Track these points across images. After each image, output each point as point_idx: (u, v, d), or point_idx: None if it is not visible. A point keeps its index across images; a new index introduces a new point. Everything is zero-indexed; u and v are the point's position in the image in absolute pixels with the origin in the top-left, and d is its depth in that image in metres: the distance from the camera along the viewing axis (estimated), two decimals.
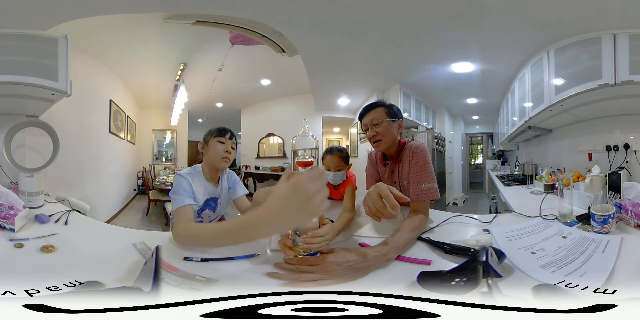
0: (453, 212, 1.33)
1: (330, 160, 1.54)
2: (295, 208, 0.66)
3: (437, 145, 2.62)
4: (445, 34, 1.96)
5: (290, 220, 0.69)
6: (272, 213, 0.68)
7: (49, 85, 1.64)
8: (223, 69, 2.51)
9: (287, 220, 0.69)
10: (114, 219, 2.45)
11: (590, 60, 1.63)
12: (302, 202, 0.65)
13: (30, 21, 1.61)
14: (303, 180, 0.65)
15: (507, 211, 1.51)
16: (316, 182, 0.66)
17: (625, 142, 1.62)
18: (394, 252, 0.90)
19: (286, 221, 0.69)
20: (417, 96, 2.57)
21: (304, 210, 0.66)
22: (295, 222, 0.71)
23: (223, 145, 1.30)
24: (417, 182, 1.23)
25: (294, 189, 0.65)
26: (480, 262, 0.79)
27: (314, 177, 0.66)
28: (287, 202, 0.66)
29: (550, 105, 1.83)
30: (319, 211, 0.66)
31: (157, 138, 3.08)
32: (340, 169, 1.55)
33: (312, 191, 0.64)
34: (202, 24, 2.02)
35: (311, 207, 0.65)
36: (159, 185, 2.78)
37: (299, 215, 0.67)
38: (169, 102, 2.86)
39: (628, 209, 1.10)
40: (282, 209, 0.67)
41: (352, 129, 3.04)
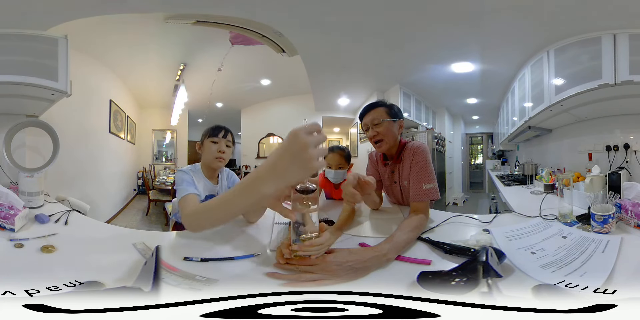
0: (453, 212, 1.33)
1: (331, 158, 1.55)
2: (290, 157, 0.67)
3: (437, 145, 2.62)
4: (445, 34, 1.96)
5: (288, 170, 0.68)
6: (271, 164, 0.69)
7: (49, 85, 1.64)
8: (223, 69, 2.51)
9: (285, 170, 0.69)
10: (114, 219, 2.45)
11: (590, 60, 1.63)
12: (297, 151, 0.66)
13: (30, 21, 1.61)
14: (299, 131, 0.66)
15: (507, 211, 1.51)
16: (312, 135, 0.67)
17: (625, 142, 1.62)
18: (393, 252, 0.90)
19: (284, 170, 0.69)
20: (417, 96, 2.57)
21: (298, 159, 0.66)
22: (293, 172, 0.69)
23: (216, 145, 1.30)
24: (417, 182, 1.23)
25: (290, 138, 0.67)
26: (480, 262, 0.79)
27: (311, 129, 0.67)
28: (284, 151, 0.68)
29: (550, 105, 1.83)
30: (313, 163, 0.66)
31: (157, 138, 3.08)
32: (342, 167, 1.55)
33: (307, 141, 0.65)
34: (202, 24, 2.02)
35: (305, 156, 0.65)
36: (159, 185, 2.78)
37: (294, 164, 0.67)
38: (169, 102, 2.86)
39: (628, 209, 1.10)
40: (280, 158, 0.68)
41: (352, 129, 3.04)
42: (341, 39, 2.05)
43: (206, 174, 1.33)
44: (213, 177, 1.35)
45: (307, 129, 0.67)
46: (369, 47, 2.13)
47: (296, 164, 0.67)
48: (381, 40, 2.04)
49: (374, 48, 2.14)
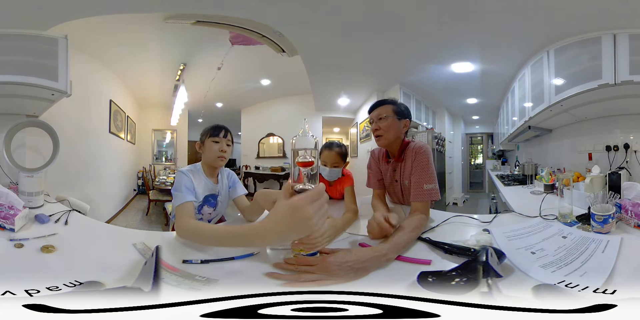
0: (453, 212, 1.33)
1: (327, 156, 1.54)
2: (294, 227, 0.73)
3: (437, 145, 2.62)
4: (445, 34, 1.96)
5: (289, 236, 0.78)
6: (274, 229, 0.76)
7: (49, 85, 1.64)
8: (223, 68, 2.51)
9: (285, 236, 0.77)
10: (114, 219, 2.45)
11: (590, 60, 1.63)
12: (300, 222, 0.72)
13: (30, 21, 1.61)
14: (303, 204, 0.72)
15: (507, 211, 1.51)
16: (315, 204, 0.73)
17: (625, 142, 1.62)
18: (393, 252, 0.90)
19: (285, 236, 0.77)
20: (417, 96, 2.57)
21: (302, 228, 0.73)
22: (294, 237, 0.79)
23: (218, 145, 1.32)
24: (418, 182, 1.24)
25: (294, 211, 0.72)
26: (480, 262, 0.79)
27: (313, 199, 0.73)
28: (287, 221, 0.74)
29: (550, 105, 1.83)
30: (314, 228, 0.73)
31: (157, 138, 3.08)
32: (337, 165, 1.55)
33: (311, 213, 0.72)
34: (202, 24, 2.02)
35: (309, 227, 0.73)
36: (159, 185, 2.78)
37: (297, 232, 0.75)
38: (169, 102, 2.86)
39: (628, 209, 1.10)
40: (282, 226, 0.74)
41: (352, 129, 3.04)
42: (341, 39, 2.05)
43: (207, 173, 1.34)
44: (213, 176, 1.37)
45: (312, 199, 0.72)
46: (369, 47, 2.13)
47: (298, 231, 0.75)
48: (381, 40, 2.04)
49: (374, 48, 2.14)
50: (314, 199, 0.72)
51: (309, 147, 0.79)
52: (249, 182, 3.12)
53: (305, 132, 0.81)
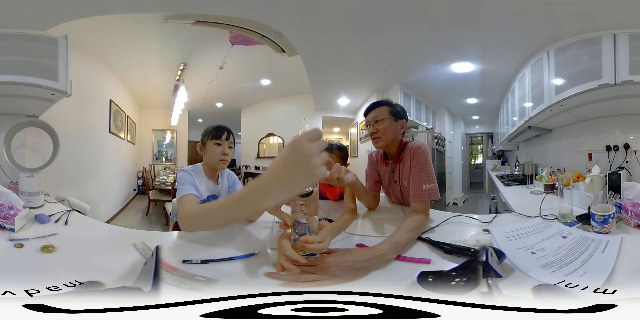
0: (453, 212, 1.33)
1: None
2: (294, 167, 0.65)
3: (437, 145, 2.62)
4: (445, 34, 1.96)
5: (292, 180, 0.67)
6: (274, 174, 0.67)
7: (49, 85, 1.64)
8: (223, 68, 2.51)
9: (288, 181, 0.67)
10: (114, 219, 2.45)
11: (590, 60, 1.63)
12: (300, 160, 0.64)
13: (30, 21, 1.61)
14: (301, 140, 0.64)
15: (507, 211, 1.51)
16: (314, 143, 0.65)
17: (625, 142, 1.62)
18: (393, 253, 0.90)
19: (287, 181, 0.67)
20: (417, 96, 2.57)
21: (303, 168, 0.64)
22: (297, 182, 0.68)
23: (220, 148, 1.31)
24: (417, 182, 1.24)
25: (293, 148, 0.65)
26: (480, 262, 0.79)
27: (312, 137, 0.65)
28: (287, 161, 0.66)
29: (550, 105, 1.83)
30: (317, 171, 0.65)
31: (157, 138, 3.08)
32: None
33: (311, 149, 0.64)
34: (202, 24, 2.02)
35: (310, 165, 0.64)
36: (159, 185, 2.78)
37: (298, 174, 0.65)
38: (169, 102, 2.86)
39: (628, 209, 1.10)
40: (283, 169, 0.66)
41: (352, 129, 3.04)
42: (341, 39, 2.05)
43: (207, 175, 1.34)
44: (214, 176, 1.36)
45: (309, 137, 0.65)
46: (369, 47, 2.13)
47: (300, 173, 0.65)
48: (381, 40, 2.04)
49: (374, 48, 2.14)
50: (313, 137, 0.66)
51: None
52: (249, 182, 3.12)
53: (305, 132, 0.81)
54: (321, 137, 0.67)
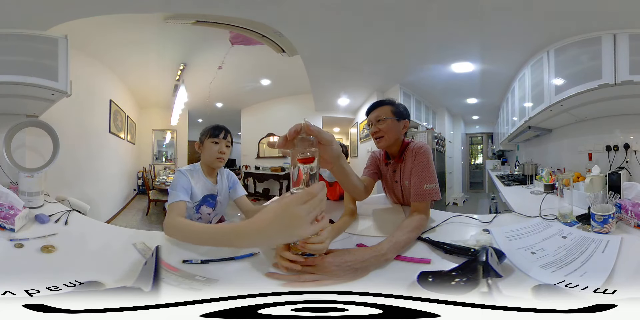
0: (453, 212, 1.33)
1: None
2: (280, 228, 0.67)
3: (437, 145, 2.62)
4: (445, 34, 1.96)
5: (274, 238, 0.71)
6: (258, 228, 0.70)
7: (49, 85, 1.64)
8: (223, 68, 2.51)
9: (270, 238, 0.71)
10: (114, 219, 2.45)
11: (590, 60, 1.63)
12: (288, 223, 0.67)
13: (30, 21, 1.61)
14: (292, 202, 0.67)
15: (507, 211, 1.51)
16: (306, 205, 0.67)
17: (625, 142, 1.62)
18: (392, 252, 0.90)
19: (270, 238, 0.71)
20: (417, 96, 2.57)
21: (289, 231, 0.67)
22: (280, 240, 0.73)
23: (217, 146, 1.32)
24: (418, 182, 1.24)
25: (283, 210, 0.67)
26: (480, 262, 0.79)
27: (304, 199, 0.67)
28: (274, 220, 0.68)
29: (550, 105, 1.83)
30: (306, 232, 0.68)
31: (157, 138, 3.08)
32: None
33: (300, 214, 0.66)
34: (202, 24, 2.02)
35: (298, 229, 0.67)
36: (159, 185, 2.78)
37: (283, 234, 0.69)
38: (169, 102, 2.86)
39: (628, 209, 1.10)
40: (268, 227, 0.69)
41: (352, 129, 3.04)
42: (341, 39, 2.05)
43: (206, 173, 1.34)
44: (212, 176, 1.37)
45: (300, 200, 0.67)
46: (369, 47, 2.13)
47: (287, 232, 0.68)
48: (381, 40, 2.04)
49: (374, 48, 2.14)
50: (305, 199, 0.67)
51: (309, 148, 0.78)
52: (249, 182, 3.12)
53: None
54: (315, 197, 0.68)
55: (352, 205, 1.35)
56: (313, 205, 0.68)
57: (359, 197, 1.31)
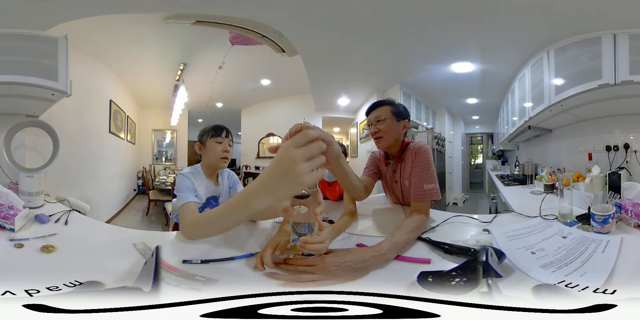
0: (453, 212, 1.33)
1: None
2: (279, 172, 0.65)
3: (437, 145, 2.62)
4: (445, 34, 1.96)
5: (277, 188, 0.67)
6: (261, 180, 0.69)
7: (49, 85, 1.64)
8: (223, 68, 2.51)
9: (273, 188, 0.67)
10: (114, 219, 2.45)
11: (590, 60, 1.63)
12: (285, 166, 0.64)
13: (30, 21, 1.61)
14: (288, 146, 0.64)
15: (507, 211, 1.51)
16: (302, 148, 0.64)
17: (625, 142, 1.62)
18: (392, 252, 0.90)
19: (273, 188, 0.67)
20: (417, 96, 2.57)
21: (287, 174, 0.64)
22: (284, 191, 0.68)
23: (221, 145, 1.30)
24: (418, 182, 1.23)
25: (279, 156, 0.65)
26: (480, 262, 0.79)
27: (300, 142, 0.65)
28: (273, 169, 0.66)
29: (550, 105, 1.83)
30: (302, 177, 0.64)
31: (157, 138, 3.08)
32: None
33: (295, 156, 0.63)
34: (202, 24, 2.02)
35: (294, 172, 0.63)
36: (159, 185, 2.78)
37: (283, 180, 0.65)
38: (169, 102, 2.86)
39: (628, 209, 1.10)
40: (269, 174, 0.67)
41: (352, 129, 3.04)
42: (341, 39, 2.05)
43: (207, 175, 1.32)
44: (213, 177, 1.35)
45: (296, 142, 0.64)
46: (369, 47, 2.14)
47: (285, 179, 0.65)
48: (381, 40, 2.04)
49: (374, 48, 2.14)
50: (299, 142, 0.64)
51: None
52: (249, 182, 3.12)
53: None
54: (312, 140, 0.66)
55: (352, 205, 1.35)
56: (309, 149, 0.65)
57: (359, 197, 1.32)
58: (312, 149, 0.65)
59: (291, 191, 0.70)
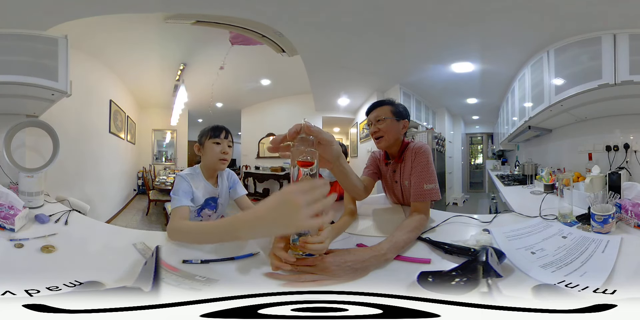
0: (453, 212, 1.33)
1: None
2: (278, 217, 0.66)
3: (437, 145, 2.62)
4: (445, 34, 1.96)
5: (273, 227, 0.69)
6: (257, 217, 0.69)
7: (49, 85, 1.64)
8: (223, 68, 2.51)
9: (269, 226, 0.69)
10: (114, 219, 2.45)
11: (590, 60, 1.63)
12: (287, 212, 0.65)
13: (30, 21, 1.61)
14: (293, 191, 0.65)
15: (507, 211, 1.51)
16: (307, 194, 0.65)
17: (625, 142, 1.62)
18: (392, 252, 0.90)
19: (269, 226, 0.69)
20: (417, 96, 2.57)
21: (287, 220, 0.65)
22: (278, 231, 0.70)
23: (219, 146, 1.29)
24: (418, 182, 1.23)
25: (282, 198, 0.66)
26: (480, 262, 0.79)
27: (306, 188, 0.66)
28: (273, 209, 0.67)
29: (550, 105, 1.83)
30: (305, 224, 0.66)
31: (157, 138, 3.08)
32: None
33: (300, 203, 0.64)
34: (202, 24, 2.02)
35: (296, 219, 0.65)
36: (159, 185, 2.78)
37: (281, 224, 0.67)
38: (169, 102, 2.87)
39: (628, 209, 1.10)
40: (267, 214, 0.68)
41: (352, 129, 3.04)
42: (341, 39, 2.05)
43: (206, 176, 1.31)
44: (213, 178, 1.34)
45: (302, 189, 0.65)
46: (369, 47, 2.13)
47: (283, 222, 0.66)
48: (381, 40, 2.04)
49: (374, 48, 2.14)
50: (306, 189, 0.66)
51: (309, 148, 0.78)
52: (249, 182, 3.12)
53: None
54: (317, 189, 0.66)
55: (352, 205, 1.35)
56: (314, 197, 0.66)
57: (359, 197, 1.31)
58: (316, 196, 0.66)
59: (286, 232, 0.72)
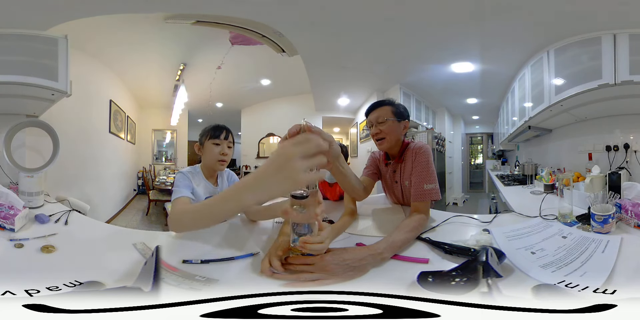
0: (453, 212, 1.33)
1: None
2: (275, 171, 0.65)
3: (437, 145, 2.62)
4: (445, 34, 1.96)
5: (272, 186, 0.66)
6: (256, 176, 0.68)
7: (49, 85, 1.64)
8: (223, 68, 2.51)
9: (269, 185, 0.67)
10: (114, 219, 2.45)
11: (590, 60, 1.63)
12: (281, 163, 0.64)
13: (30, 21, 1.61)
14: (286, 143, 0.65)
15: (507, 211, 1.51)
16: (300, 146, 0.64)
17: (625, 142, 1.62)
18: (389, 252, 0.90)
19: (268, 186, 0.67)
20: (417, 96, 2.57)
21: (282, 172, 0.64)
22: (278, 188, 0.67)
23: (218, 147, 1.28)
24: (418, 182, 1.23)
25: (277, 151, 0.65)
26: (480, 262, 0.79)
27: (299, 141, 0.65)
28: (269, 164, 0.66)
29: (550, 105, 1.83)
30: (298, 176, 0.63)
31: (157, 138, 3.07)
32: None
33: (292, 153, 0.63)
34: (202, 24, 2.02)
35: (290, 169, 0.63)
36: (159, 185, 2.78)
37: (277, 176, 0.65)
38: (169, 102, 2.86)
39: (628, 209, 1.10)
40: (265, 172, 0.66)
41: (352, 129, 3.04)
42: (341, 39, 2.05)
43: (206, 176, 1.31)
44: (213, 177, 1.34)
45: (297, 140, 0.65)
46: (369, 47, 2.13)
47: (279, 176, 0.65)
48: (381, 40, 2.04)
49: (374, 48, 2.14)
50: (299, 140, 0.65)
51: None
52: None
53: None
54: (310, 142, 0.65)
55: (352, 205, 1.35)
56: (307, 148, 0.65)
57: (358, 198, 1.32)
58: (310, 147, 0.65)
59: (285, 188, 0.69)
